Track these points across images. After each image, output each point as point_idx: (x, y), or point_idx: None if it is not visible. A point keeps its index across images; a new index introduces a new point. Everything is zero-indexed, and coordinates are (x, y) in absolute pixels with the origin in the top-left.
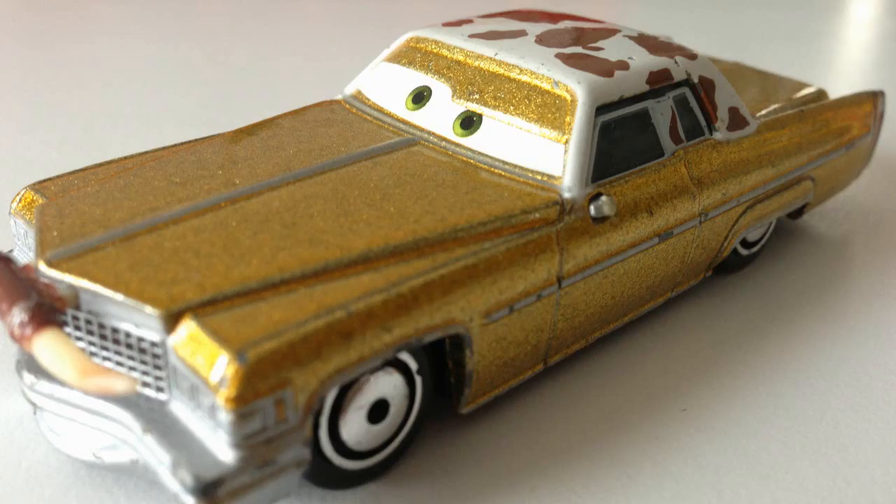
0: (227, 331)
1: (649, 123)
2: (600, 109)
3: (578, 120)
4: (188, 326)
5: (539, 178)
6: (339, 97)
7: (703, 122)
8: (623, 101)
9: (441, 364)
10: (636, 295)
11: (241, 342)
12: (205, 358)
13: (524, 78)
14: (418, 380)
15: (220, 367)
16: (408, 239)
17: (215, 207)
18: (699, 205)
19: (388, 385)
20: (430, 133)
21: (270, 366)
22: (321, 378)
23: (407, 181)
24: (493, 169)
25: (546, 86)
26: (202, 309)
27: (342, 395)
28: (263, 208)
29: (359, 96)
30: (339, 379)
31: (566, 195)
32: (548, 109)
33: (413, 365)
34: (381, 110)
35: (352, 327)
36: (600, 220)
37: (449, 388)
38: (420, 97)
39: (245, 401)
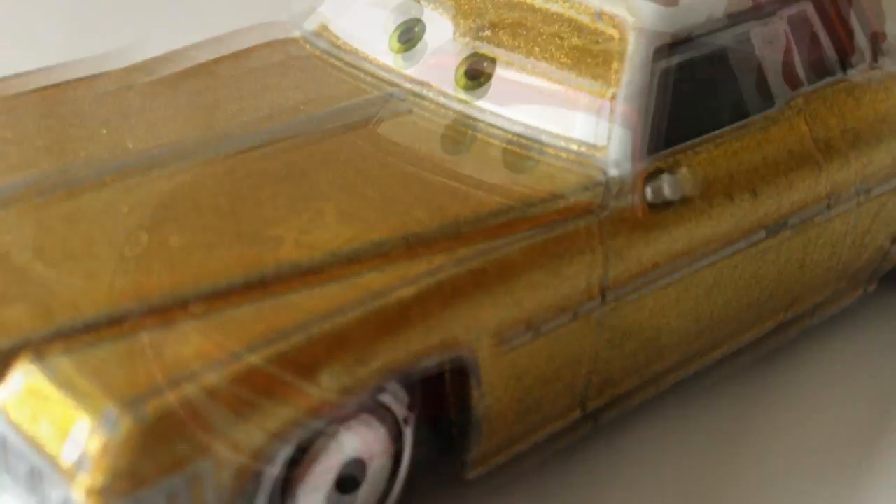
0: (94, 379)
1: (749, 58)
2: (661, 50)
3: (630, 66)
4: (26, 373)
5: (574, 148)
6: (295, 33)
7: (832, 55)
8: (700, 34)
9: (440, 408)
10: (725, 317)
11: (114, 397)
12: (53, 424)
13: (554, 7)
14: (406, 432)
15: (78, 437)
16: (394, 235)
17: (95, 184)
18: (827, 181)
19: (364, 441)
20: (423, 85)
21: (167, 431)
22: (257, 444)
23: (392, 155)
24: (509, 136)
25: (585, 18)
26: (48, 346)
27: (299, 456)
28: (182, 189)
29: (324, 33)
30: (289, 438)
31: (612, 172)
32: (587, 52)
33: (399, 411)
34: (355, 53)
35: (310, 360)
36: (661, 206)
37: (452, 443)
38: (409, 34)
39: (122, 491)
